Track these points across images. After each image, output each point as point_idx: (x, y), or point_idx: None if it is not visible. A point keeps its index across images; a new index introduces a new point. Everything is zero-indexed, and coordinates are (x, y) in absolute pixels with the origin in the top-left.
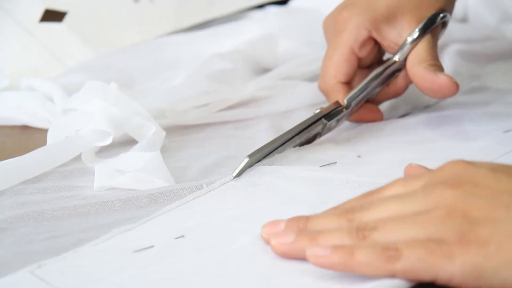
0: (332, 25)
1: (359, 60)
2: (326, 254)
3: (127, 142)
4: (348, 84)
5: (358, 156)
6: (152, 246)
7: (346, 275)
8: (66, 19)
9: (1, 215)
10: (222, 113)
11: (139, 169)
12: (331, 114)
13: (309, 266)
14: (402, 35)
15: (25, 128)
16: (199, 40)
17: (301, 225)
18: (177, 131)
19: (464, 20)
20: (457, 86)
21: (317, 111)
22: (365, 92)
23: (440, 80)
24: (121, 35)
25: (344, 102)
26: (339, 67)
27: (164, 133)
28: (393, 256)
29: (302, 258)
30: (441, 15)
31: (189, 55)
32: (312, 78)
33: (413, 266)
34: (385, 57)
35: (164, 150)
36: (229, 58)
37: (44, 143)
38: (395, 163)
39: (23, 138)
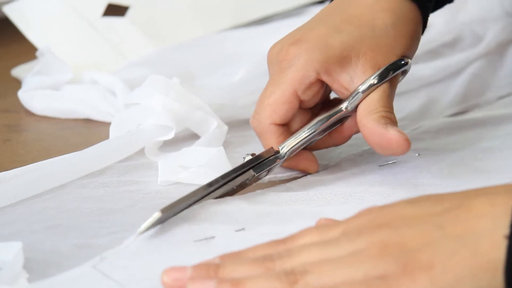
0: (277, 58)
1: (301, 102)
2: None
3: (189, 137)
4: (285, 126)
5: (418, 155)
6: (212, 237)
7: None
8: (129, 13)
9: (64, 208)
10: None
11: (202, 164)
12: (261, 164)
13: None
14: (354, 80)
15: (88, 121)
16: (260, 35)
17: (211, 272)
18: (238, 127)
19: None
20: (408, 143)
21: (248, 158)
22: (303, 141)
23: (389, 135)
24: (182, 29)
25: (278, 149)
26: (277, 108)
27: (226, 127)
28: None
29: None
30: (402, 62)
31: (249, 50)
32: None
33: None
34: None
35: (225, 145)
36: None
37: (106, 136)
38: (456, 163)
39: (86, 131)
